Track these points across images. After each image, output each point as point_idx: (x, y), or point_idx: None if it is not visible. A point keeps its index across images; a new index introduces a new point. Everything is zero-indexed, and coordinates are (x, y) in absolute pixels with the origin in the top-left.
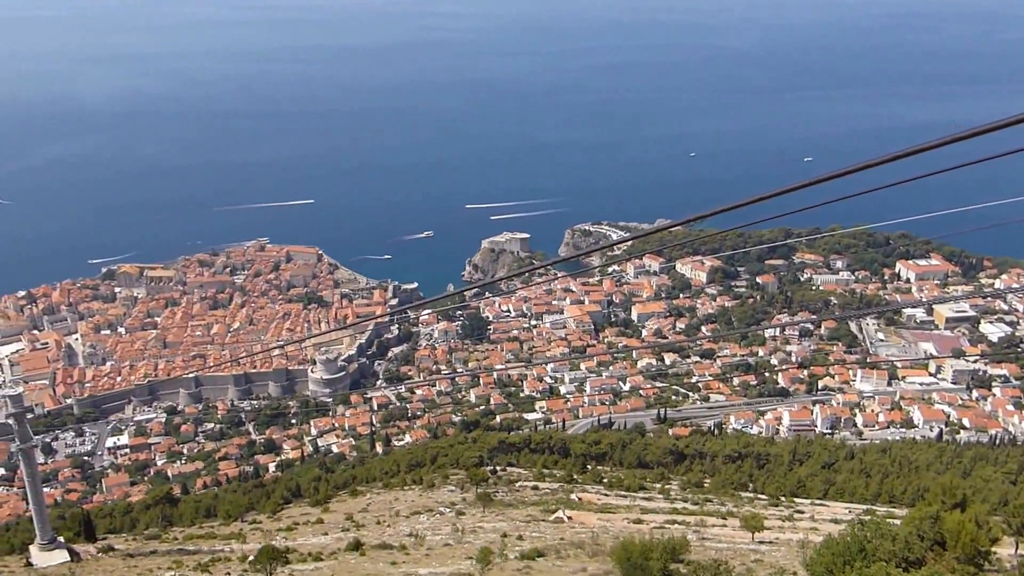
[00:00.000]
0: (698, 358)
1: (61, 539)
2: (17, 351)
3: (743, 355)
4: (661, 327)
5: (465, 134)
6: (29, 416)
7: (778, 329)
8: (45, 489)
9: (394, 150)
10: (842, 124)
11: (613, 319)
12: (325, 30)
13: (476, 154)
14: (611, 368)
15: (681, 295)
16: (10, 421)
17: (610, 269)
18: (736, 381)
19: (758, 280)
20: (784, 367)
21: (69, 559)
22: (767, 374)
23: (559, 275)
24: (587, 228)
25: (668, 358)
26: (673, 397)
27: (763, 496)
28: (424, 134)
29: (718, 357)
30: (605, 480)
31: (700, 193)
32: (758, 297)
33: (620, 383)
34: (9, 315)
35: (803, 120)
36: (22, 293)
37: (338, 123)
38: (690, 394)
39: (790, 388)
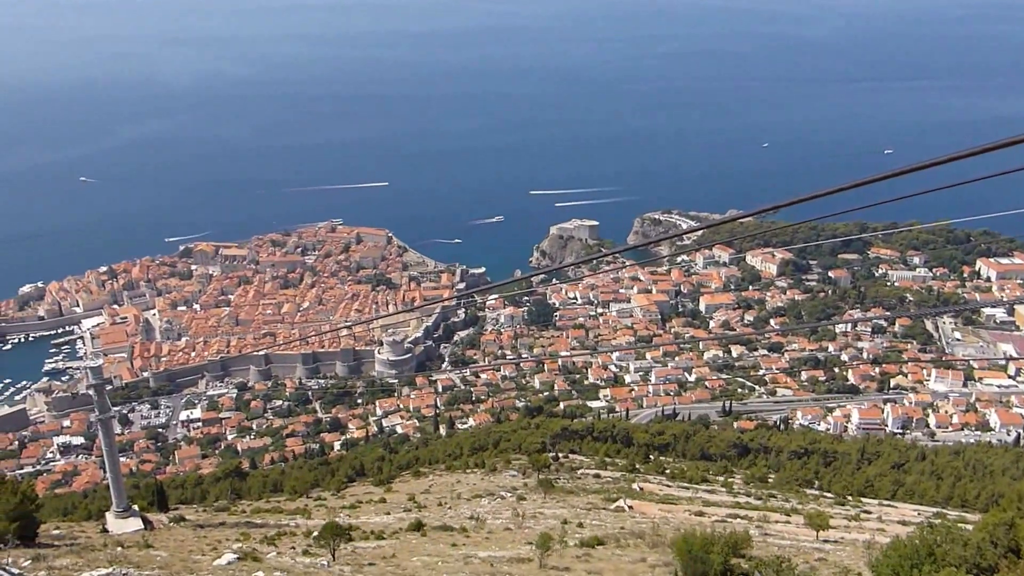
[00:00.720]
0: (766, 351)
1: (135, 507)
2: (98, 325)
3: (812, 350)
4: (729, 319)
5: (535, 120)
6: (108, 388)
7: (850, 325)
8: (121, 459)
9: (466, 135)
10: (925, 116)
11: (680, 309)
12: (402, 15)
13: (545, 141)
14: (677, 358)
15: (750, 287)
16: (90, 392)
17: (679, 259)
18: (804, 376)
19: (830, 274)
20: (855, 364)
21: (142, 527)
22: (837, 370)
23: (627, 263)
24: (657, 217)
25: (735, 350)
26: (739, 390)
27: (829, 494)
28: (495, 120)
29: (786, 351)
30: (667, 471)
31: (772, 184)
32: (830, 292)
33: (685, 374)
34: (92, 289)
35: (884, 111)
36: (104, 268)
37: (412, 107)
38: (756, 387)
39: (860, 386)
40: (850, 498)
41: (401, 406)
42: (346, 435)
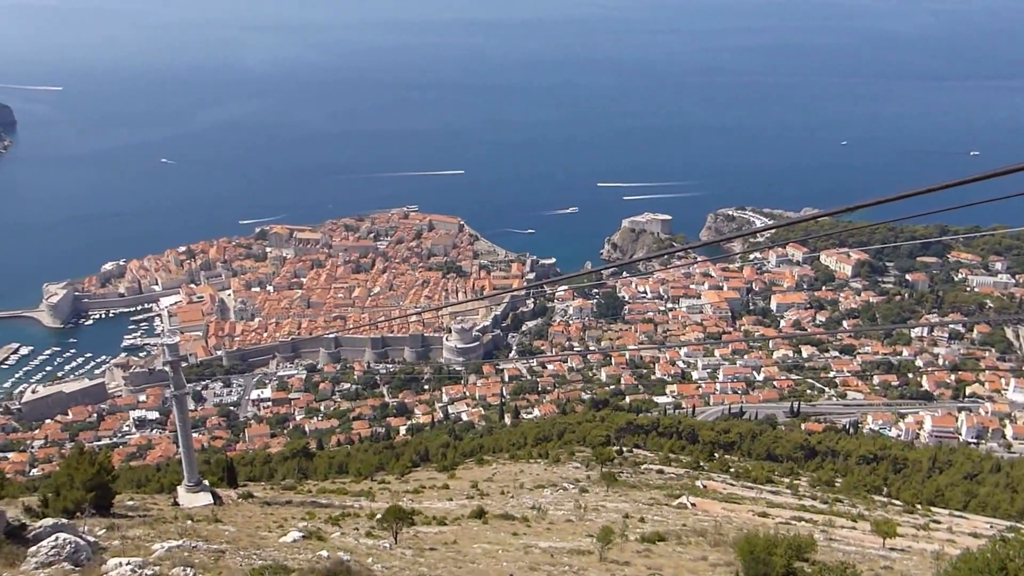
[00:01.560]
0: (837, 353)
1: (206, 482)
2: (176, 303)
3: (886, 354)
4: (800, 319)
5: (608, 112)
6: (183, 365)
7: (926, 330)
8: (194, 434)
9: (541, 125)
10: (1016, 117)
11: (751, 307)
12: (479, 4)
13: (616, 133)
14: (746, 357)
15: (824, 287)
16: (166, 368)
17: (751, 256)
18: (876, 380)
19: (907, 277)
20: (930, 370)
21: (212, 502)
22: (910, 376)
23: (699, 259)
24: (730, 213)
25: (805, 351)
26: (808, 391)
27: (897, 502)
28: (569, 111)
29: (858, 354)
30: (732, 470)
31: (849, 183)
32: (906, 295)
33: (754, 372)
34: (170, 268)
35: (971, 112)
36: (182, 248)
37: (489, 96)
38: (826, 389)
39: (935, 392)
40: (919, 507)
41: (467, 393)
42: (412, 420)
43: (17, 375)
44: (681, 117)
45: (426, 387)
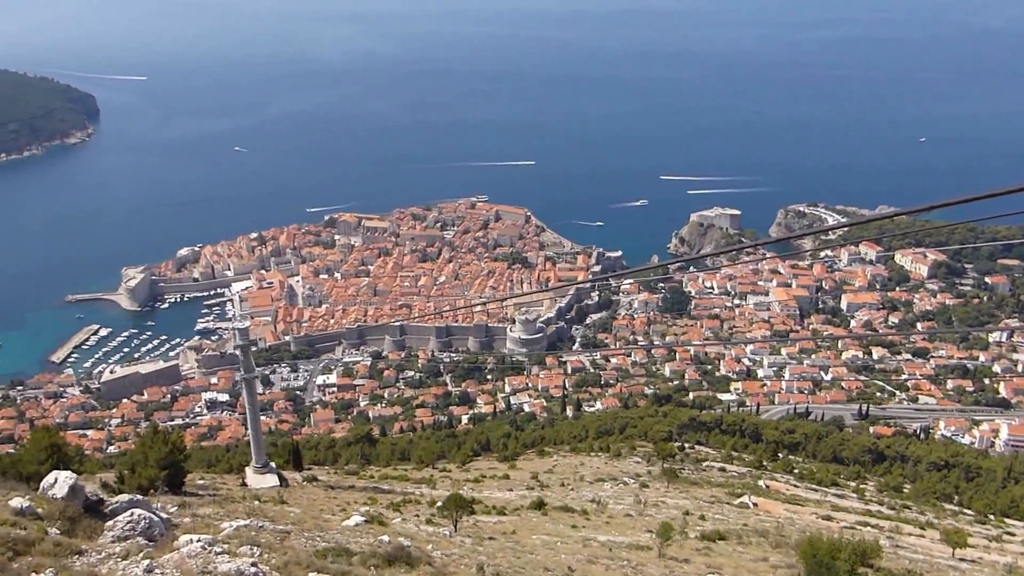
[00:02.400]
0: (910, 356)
1: (273, 464)
2: (247, 288)
3: (961, 358)
4: (872, 319)
5: (684, 106)
6: (253, 349)
7: (1005, 334)
8: (262, 417)
9: (612, 118)
10: None
11: (821, 306)
12: None
13: (687, 126)
14: (813, 356)
15: (897, 288)
16: (237, 352)
17: (822, 254)
18: (950, 385)
19: (987, 280)
20: (1008, 376)
21: (278, 484)
22: (987, 381)
23: (768, 255)
24: (801, 209)
25: (876, 352)
26: (878, 394)
27: (969, 511)
28: (645, 104)
29: (932, 357)
30: (796, 471)
31: (928, 181)
32: (985, 298)
33: (822, 372)
34: (242, 254)
35: None
36: (254, 235)
37: (561, 89)
38: (897, 393)
39: (1012, 400)
40: (992, 517)
41: (530, 384)
42: (474, 409)
43: (96, 356)
44: (756, 112)
45: (489, 377)
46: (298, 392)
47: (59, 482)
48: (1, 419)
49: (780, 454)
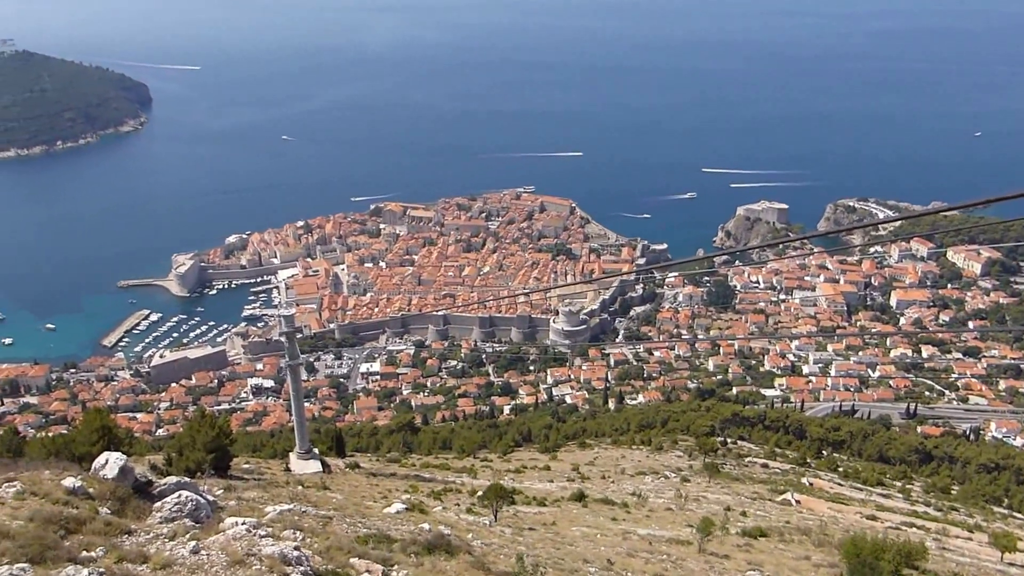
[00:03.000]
0: (960, 355)
1: (316, 451)
2: (292, 276)
3: (1015, 359)
4: (922, 317)
5: (732, 98)
6: (298, 336)
7: None
8: (306, 404)
9: (662, 109)
10: None
11: (869, 302)
12: None
13: (738, 119)
14: (860, 353)
15: (949, 285)
16: (282, 339)
17: (872, 249)
18: (1002, 385)
19: None
20: None
21: (321, 470)
22: None
23: (815, 250)
24: (851, 204)
25: (926, 351)
26: (926, 393)
27: (1019, 515)
28: (690, 94)
29: (984, 357)
30: (840, 469)
31: (983, 177)
32: None
33: (869, 370)
34: (289, 242)
35: None
36: (300, 223)
37: (611, 79)
38: (946, 392)
39: None
40: None
41: (572, 376)
42: (516, 400)
43: (146, 340)
44: (804, 104)
45: (531, 368)
46: (342, 379)
47: (110, 463)
48: (55, 401)
49: (824, 452)
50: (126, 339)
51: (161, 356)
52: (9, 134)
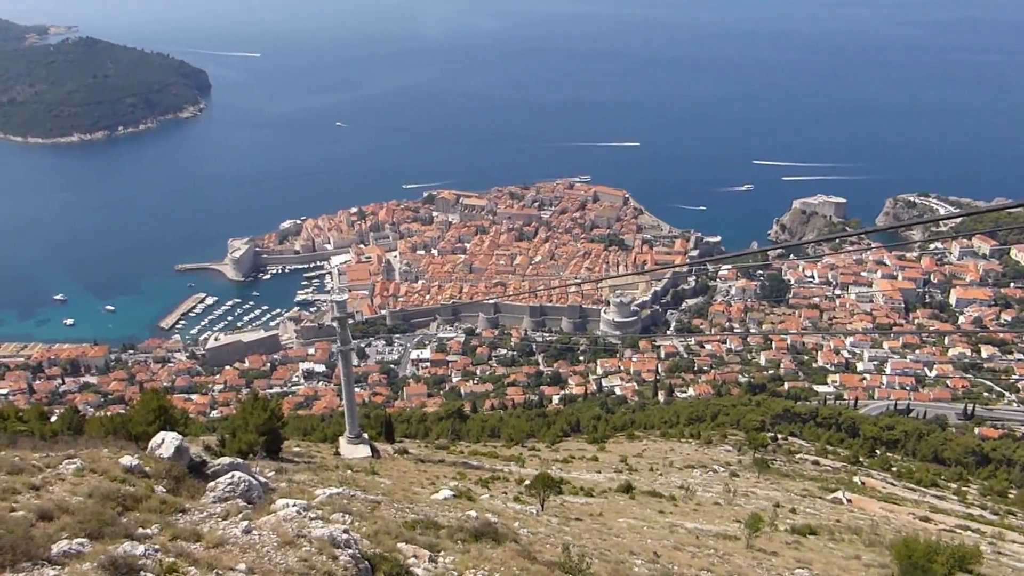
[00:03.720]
0: (1022, 356)
1: (366, 435)
2: (345, 262)
3: None
4: (982, 316)
5: (790, 88)
6: (349, 322)
7: None
8: (356, 389)
9: (720, 99)
10: None
11: (927, 300)
12: None
13: (795, 110)
14: (917, 352)
15: (1012, 284)
16: (334, 324)
17: (931, 246)
18: None
19: None
20: None
21: (370, 455)
22: None
23: (873, 245)
24: (911, 199)
25: (985, 351)
26: (985, 394)
27: None
28: (748, 84)
29: None
30: (894, 468)
31: None
32: None
33: (926, 369)
34: (342, 228)
35: None
36: (354, 209)
37: (670, 68)
38: (1006, 394)
39: None
40: None
41: (622, 367)
42: (565, 390)
43: (202, 323)
44: (865, 96)
45: (581, 358)
46: (392, 366)
47: (166, 443)
48: (113, 381)
49: (878, 451)
50: (182, 322)
51: (216, 339)
52: (73, 119)
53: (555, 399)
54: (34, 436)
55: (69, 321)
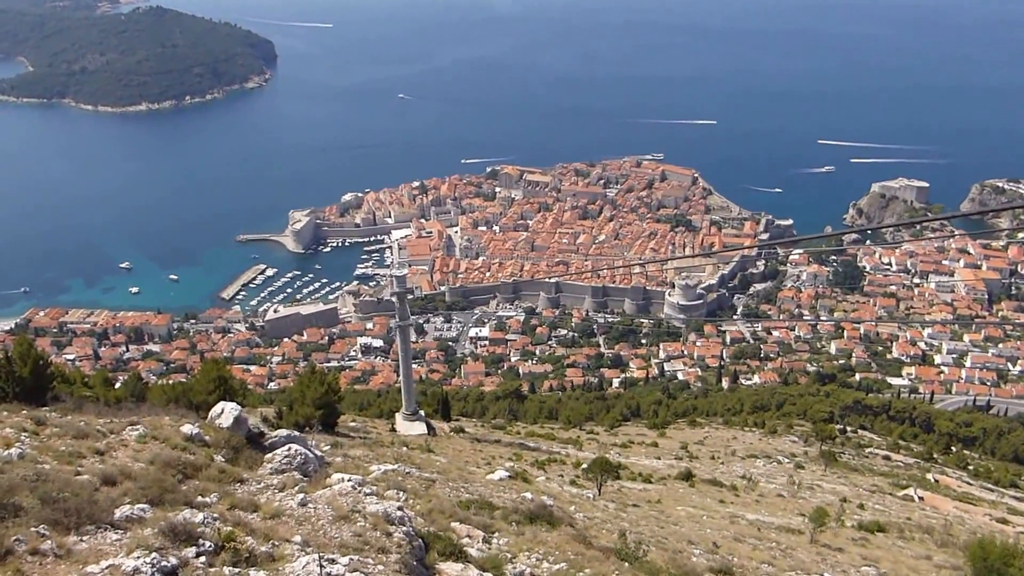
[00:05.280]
0: None
1: (422, 412)
2: (406, 236)
3: None
4: None
5: (876, 65)
6: (409, 297)
7: None
8: (414, 366)
9: (802, 75)
10: None
11: (1013, 291)
12: None
13: (881, 87)
14: (1000, 345)
15: None
16: (393, 299)
17: (1020, 234)
18: None
19: None
20: None
21: (426, 432)
22: None
23: (956, 233)
24: (1000, 185)
25: None
26: None
27: None
28: (834, 60)
29: None
30: (970, 467)
31: None
32: None
33: (1009, 364)
34: (403, 202)
35: None
36: (416, 183)
37: (746, 43)
38: None
39: None
40: None
41: (685, 352)
42: (626, 373)
43: (262, 295)
44: (951, 75)
45: (643, 341)
46: (450, 343)
47: (225, 412)
48: (175, 349)
49: (953, 448)
50: (243, 292)
51: (275, 311)
52: (142, 88)
53: (615, 382)
54: (99, 402)
55: (134, 289)
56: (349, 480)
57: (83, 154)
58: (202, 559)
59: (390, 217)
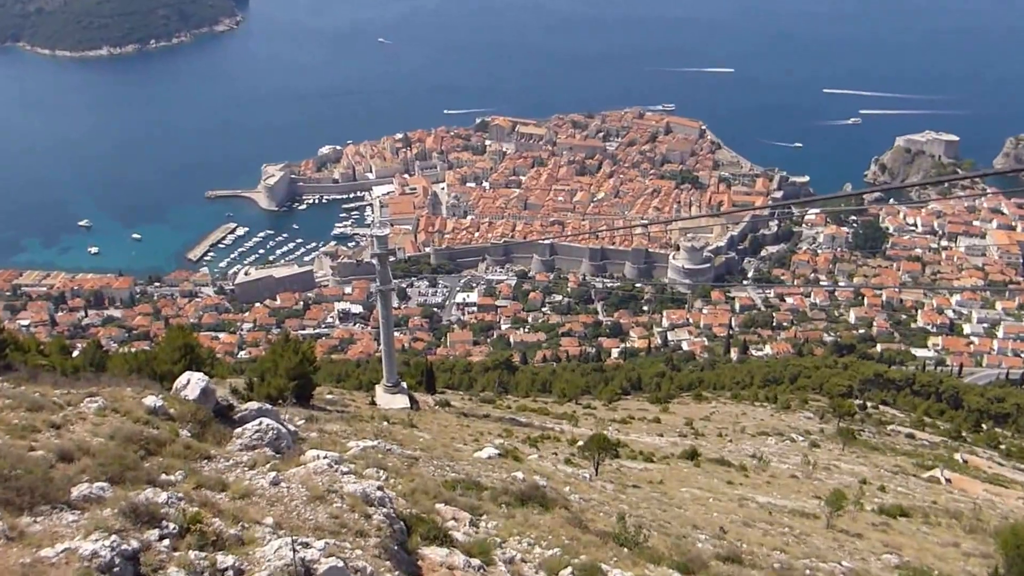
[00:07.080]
0: None
1: (404, 385)
2: (388, 193)
3: None
4: None
5: (905, 6)
6: (391, 259)
7: None
8: (396, 334)
9: (830, 19)
10: None
11: None
12: None
13: (909, 30)
14: None
15: None
16: (374, 261)
17: None
18: None
19: None
20: None
21: (409, 406)
22: None
23: (989, 191)
24: None
25: None
26: None
27: None
28: (858, 2)
29: None
30: (1003, 446)
31: None
32: None
33: None
34: (385, 156)
35: None
36: (399, 136)
37: None
38: None
39: None
40: None
41: (691, 320)
42: (626, 343)
43: (232, 256)
44: (984, 17)
45: (645, 308)
46: (435, 309)
47: (191, 383)
48: (138, 315)
49: (984, 425)
50: (211, 253)
51: (246, 273)
52: (102, 31)
53: (614, 353)
54: (55, 371)
55: (94, 249)
56: (325, 457)
57: (38, 102)
58: (166, 542)
59: (371, 172)
